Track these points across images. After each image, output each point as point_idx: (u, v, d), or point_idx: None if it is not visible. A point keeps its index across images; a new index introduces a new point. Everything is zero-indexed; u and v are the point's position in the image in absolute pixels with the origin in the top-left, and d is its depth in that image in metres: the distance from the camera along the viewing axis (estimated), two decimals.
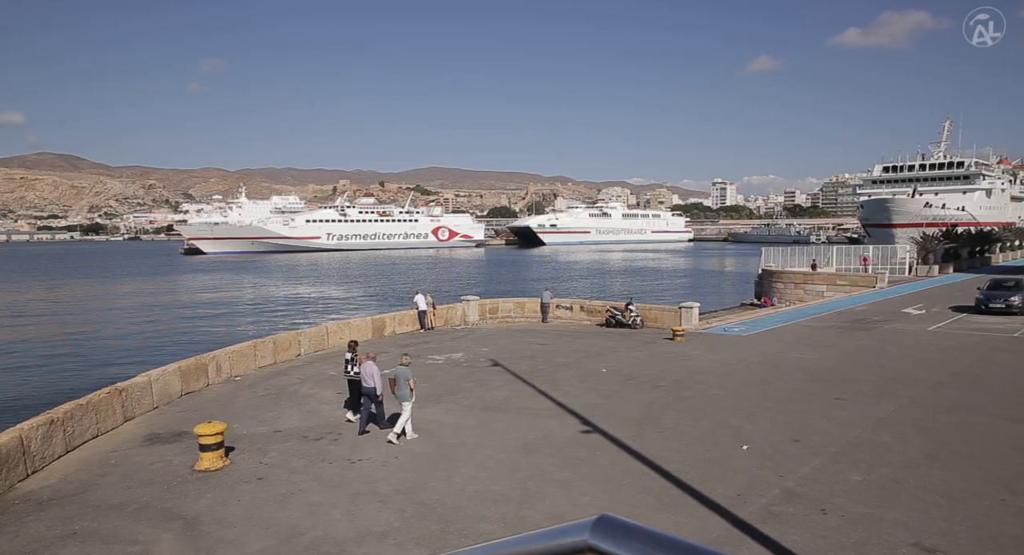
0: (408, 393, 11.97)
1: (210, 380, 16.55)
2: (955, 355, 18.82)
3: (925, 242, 50.21)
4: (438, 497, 9.29)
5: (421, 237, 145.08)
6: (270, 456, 11.15)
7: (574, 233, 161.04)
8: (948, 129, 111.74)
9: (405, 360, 12.54)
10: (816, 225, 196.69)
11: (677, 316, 25.17)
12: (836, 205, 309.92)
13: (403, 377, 12.09)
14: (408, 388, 11.98)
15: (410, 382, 12.05)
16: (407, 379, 12.06)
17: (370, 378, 12.46)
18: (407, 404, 11.95)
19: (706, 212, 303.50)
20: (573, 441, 11.66)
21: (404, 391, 11.98)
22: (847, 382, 15.64)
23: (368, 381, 12.47)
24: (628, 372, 17.20)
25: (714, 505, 8.76)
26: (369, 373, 12.49)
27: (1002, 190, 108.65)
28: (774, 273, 41.38)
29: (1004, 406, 13.35)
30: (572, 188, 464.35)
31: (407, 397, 11.97)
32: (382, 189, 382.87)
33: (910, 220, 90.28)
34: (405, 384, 12.02)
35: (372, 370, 12.50)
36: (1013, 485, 9.25)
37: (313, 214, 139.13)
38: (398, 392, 12.04)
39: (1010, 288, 27.31)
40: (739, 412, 13.21)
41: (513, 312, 29.64)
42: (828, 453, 10.67)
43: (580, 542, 1.02)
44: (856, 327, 24.41)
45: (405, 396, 11.97)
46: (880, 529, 7.92)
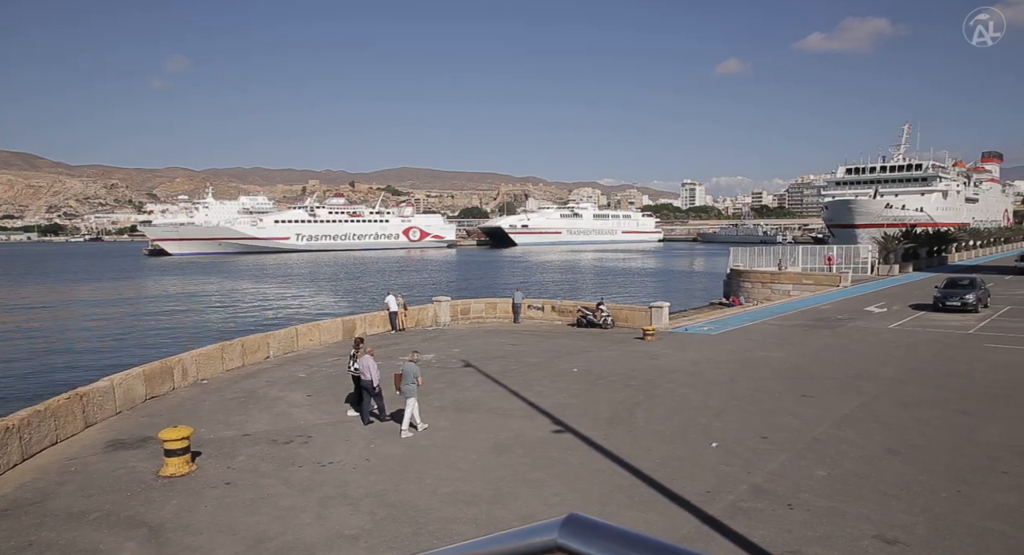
0: (414, 389, 12.36)
1: (176, 384, 16.20)
2: (914, 352, 19.35)
3: (886, 242, 51.52)
4: (410, 499, 9.24)
5: (392, 238, 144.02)
6: (238, 460, 10.96)
7: (545, 233, 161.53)
8: (907, 132, 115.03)
9: (414, 357, 12.94)
10: (782, 225, 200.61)
11: (647, 316, 25.41)
12: (802, 206, 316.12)
13: (410, 373, 12.46)
14: (414, 384, 12.36)
15: (417, 379, 12.43)
16: (415, 375, 12.43)
17: (367, 371, 12.81)
18: (412, 399, 12.31)
19: (676, 213, 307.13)
20: (545, 441, 11.70)
21: (410, 387, 12.35)
22: (813, 379, 15.97)
23: (366, 374, 12.83)
24: (599, 372, 17.31)
25: (684, 502, 8.86)
26: (366, 366, 12.85)
27: (957, 192, 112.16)
28: (742, 273, 42.06)
29: (959, 401, 13.78)
30: (543, 189, 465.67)
31: (413, 393, 12.34)
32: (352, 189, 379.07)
33: (872, 220, 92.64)
34: (412, 380, 12.39)
35: (370, 364, 12.87)
36: (968, 477, 9.56)
37: (282, 214, 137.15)
38: (404, 388, 12.39)
39: (965, 287, 28.18)
40: (708, 410, 13.40)
41: (485, 313, 29.61)
42: (794, 449, 10.88)
43: (549, 541, 1.02)
44: (821, 325, 24.94)
45: (411, 392, 12.33)
46: (844, 522, 8.11)
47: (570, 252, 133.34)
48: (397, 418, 12.67)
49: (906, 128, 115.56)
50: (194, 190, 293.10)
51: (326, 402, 14.71)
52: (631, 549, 0.96)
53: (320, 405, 14.47)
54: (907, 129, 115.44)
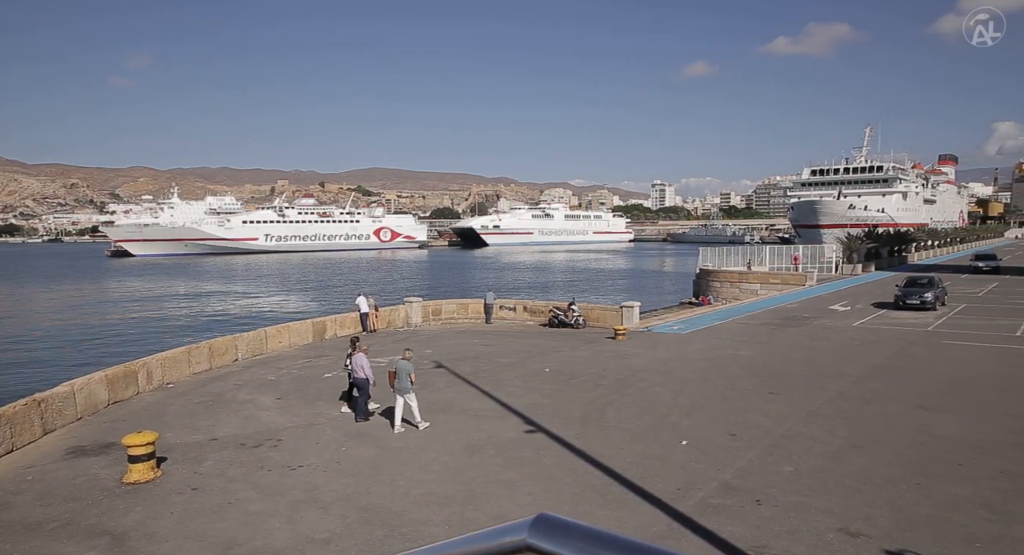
0: (408, 386, 12.54)
1: (140, 388, 15.83)
2: (877, 349, 19.85)
3: (850, 242, 52.74)
4: (381, 501, 9.17)
5: (363, 238, 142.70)
6: (205, 465, 10.75)
7: (517, 234, 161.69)
8: (869, 135, 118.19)
9: (407, 354, 13.07)
10: (750, 226, 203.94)
11: (618, 315, 25.62)
12: (769, 206, 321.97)
13: (404, 370, 12.62)
14: (409, 381, 12.54)
15: (411, 376, 12.60)
16: (408, 373, 12.60)
17: (360, 369, 13.08)
18: (408, 396, 12.55)
19: (646, 213, 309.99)
20: (517, 441, 11.72)
21: (405, 384, 12.54)
22: (780, 377, 16.28)
23: (359, 372, 13.10)
24: (571, 371, 17.40)
25: (655, 500, 8.96)
26: (359, 365, 13.12)
27: (916, 193, 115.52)
28: (711, 272, 42.66)
29: (919, 396, 14.18)
30: (515, 189, 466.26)
31: (408, 390, 12.55)
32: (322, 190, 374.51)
33: (836, 221, 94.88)
34: (406, 377, 12.56)
35: (362, 362, 13.14)
36: (926, 469, 9.85)
37: (250, 215, 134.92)
38: (398, 385, 12.53)
39: (924, 285, 28.99)
40: (678, 408, 13.57)
41: (456, 313, 29.53)
42: (762, 446, 11.08)
43: (519, 541, 1.03)
44: (788, 324, 25.43)
45: (406, 389, 12.54)
46: (809, 516, 8.28)
47: (542, 252, 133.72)
48: (386, 414, 12.86)
49: (867, 131, 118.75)
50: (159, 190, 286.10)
51: (296, 405, 14.52)
52: (600, 548, 0.97)
53: (290, 408, 14.28)
54: (868, 132, 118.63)
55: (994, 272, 45.53)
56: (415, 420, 12.62)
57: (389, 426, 12.77)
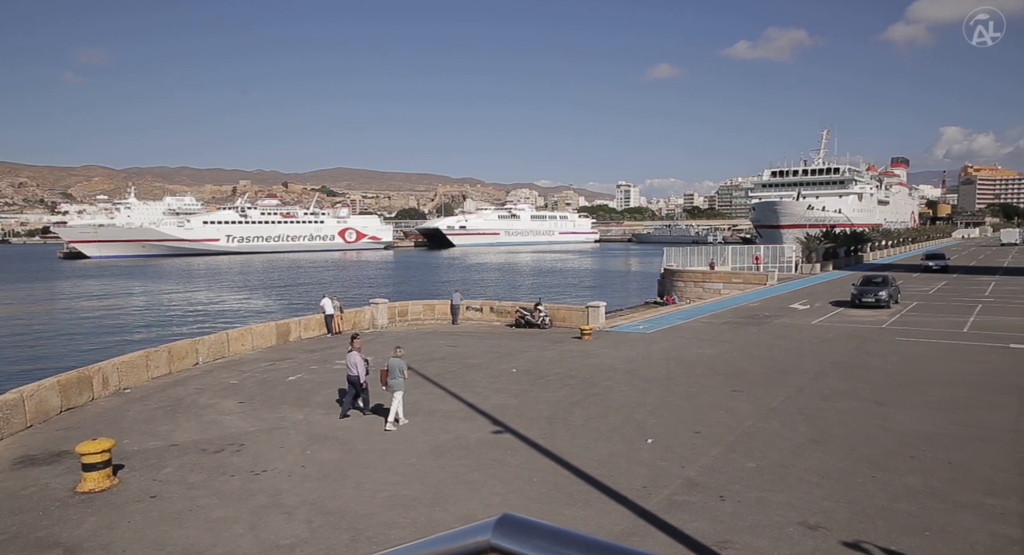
0: (401, 382, 12.80)
1: (95, 394, 15.36)
2: (834, 346, 20.40)
3: (809, 242, 54.07)
4: (347, 505, 9.08)
5: (327, 239, 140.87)
6: (164, 472, 10.49)
7: (483, 235, 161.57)
8: (825, 138, 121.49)
9: (399, 352, 13.30)
10: (713, 226, 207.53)
11: (584, 315, 25.81)
12: (731, 207, 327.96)
13: (396, 368, 12.88)
14: (401, 378, 12.82)
15: (403, 372, 12.89)
16: (400, 369, 12.87)
17: (354, 367, 13.35)
18: (399, 393, 12.73)
19: (611, 214, 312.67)
20: (484, 442, 11.72)
21: (398, 380, 12.80)
22: (742, 375, 16.60)
23: (352, 369, 13.37)
24: (538, 371, 17.47)
25: (621, 498, 9.06)
26: (353, 362, 13.39)
27: (871, 195, 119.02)
28: (675, 272, 43.28)
29: (874, 391, 14.63)
30: (481, 190, 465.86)
31: (400, 386, 12.79)
32: (286, 190, 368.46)
33: (796, 221, 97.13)
34: (398, 374, 12.84)
35: (356, 359, 13.38)
36: (881, 462, 10.17)
37: (211, 215, 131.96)
38: (391, 381, 12.79)
39: (879, 284, 29.91)
40: (644, 407, 13.73)
41: (423, 314, 29.39)
42: (726, 443, 11.29)
43: (483, 542, 1.04)
44: (750, 322, 25.95)
45: (398, 385, 12.77)
46: (771, 511, 8.47)
47: (508, 253, 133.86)
48: (377, 410, 13.21)
49: (824, 134, 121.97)
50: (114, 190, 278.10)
51: (259, 408, 14.27)
52: (563, 547, 0.99)
53: (253, 412, 14.03)
54: (825, 135, 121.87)
55: (943, 271, 47.20)
56: (399, 415, 12.80)
57: (352, 428, 12.65)
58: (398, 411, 12.72)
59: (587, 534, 1.00)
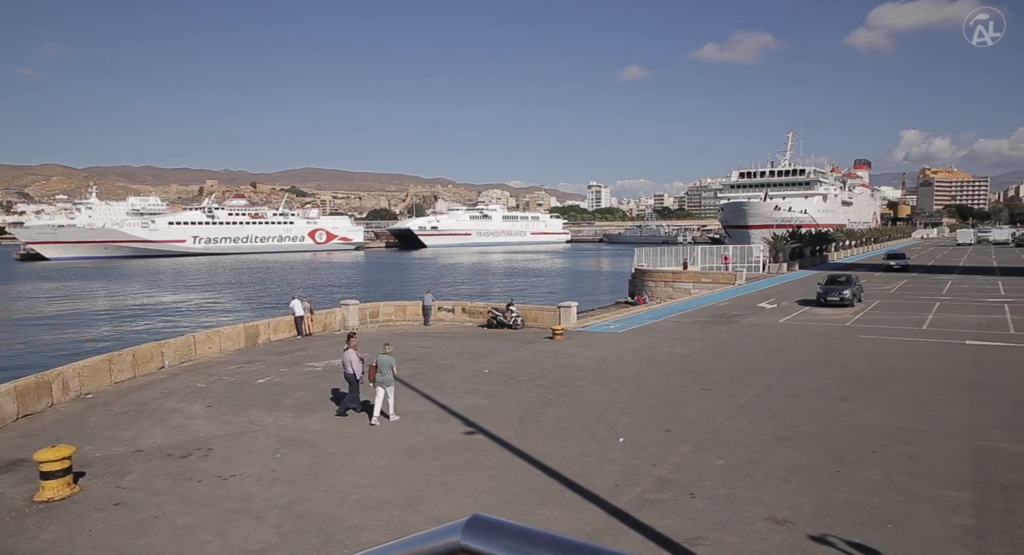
0: (390, 379, 13.12)
1: (55, 399, 14.93)
2: (801, 344, 20.82)
3: (776, 242, 55.03)
4: (318, 509, 8.97)
5: (297, 240, 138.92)
6: (128, 479, 10.24)
7: (455, 235, 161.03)
8: (792, 140, 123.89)
9: (387, 349, 13.59)
10: (683, 226, 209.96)
11: (556, 315, 25.91)
12: (700, 207, 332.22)
13: (385, 364, 13.16)
14: (391, 374, 13.13)
15: (392, 369, 13.18)
16: (390, 366, 13.16)
17: (350, 365, 13.67)
18: (389, 389, 13.07)
19: (583, 214, 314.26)
20: (457, 443, 11.69)
21: (387, 377, 13.09)
22: (712, 373, 16.84)
23: (348, 367, 13.69)
24: (510, 372, 17.48)
25: (593, 497, 9.11)
26: (348, 360, 13.71)
27: (835, 195, 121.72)
28: (646, 272, 43.70)
29: (839, 388, 14.97)
30: (452, 190, 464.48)
31: (389, 383, 13.11)
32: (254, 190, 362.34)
33: (763, 222, 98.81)
34: (388, 370, 13.13)
35: (352, 357, 13.72)
36: (845, 457, 10.42)
37: (177, 216, 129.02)
38: (380, 378, 13.07)
39: (843, 283, 30.60)
40: (615, 406, 13.84)
41: (395, 315, 29.20)
42: (695, 440, 11.44)
43: (452, 543, 1.04)
44: (719, 321, 26.33)
45: (387, 381, 13.08)
46: (740, 507, 8.61)
47: (480, 253, 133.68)
48: (366, 406, 13.47)
49: (791, 136, 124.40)
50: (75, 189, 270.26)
51: (227, 412, 14.02)
52: (533, 547, 1.00)
53: (221, 416, 13.78)
54: (791, 137, 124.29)
55: (904, 270, 48.49)
56: (388, 412, 13.12)
57: (323, 431, 12.51)
58: (385, 407, 13.08)
59: (557, 533, 1.01)
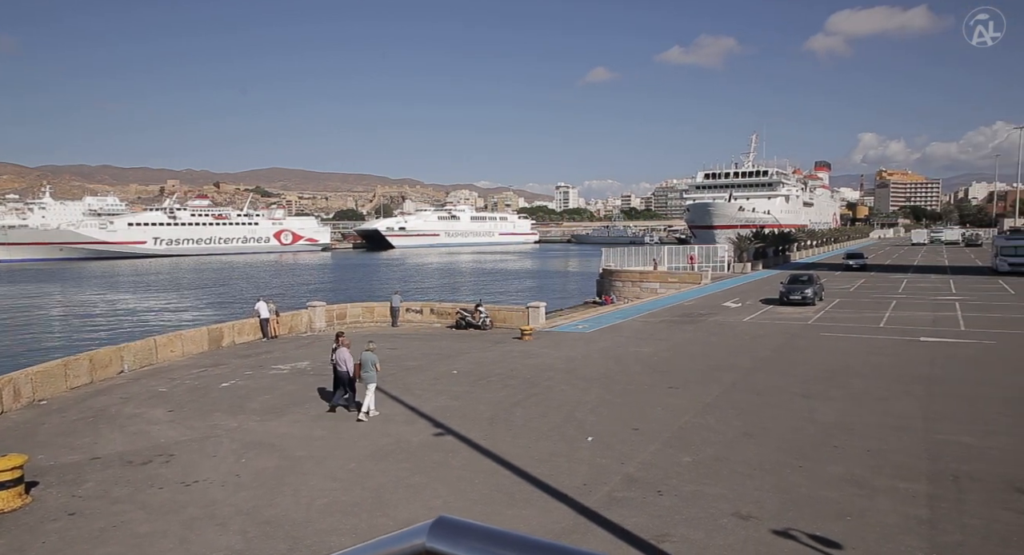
0: (374, 375, 13.47)
1: (5, 407, 14.41)
2: (765, 342, 21.24)
3: (740, 242, 56.05)
4: (285, 513, 8.84)
5: (262, 241, 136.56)
6: (85, 487, 9.95)
7: (423, 236, 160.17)
8: (755, 142, 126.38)
9: (371, 346, 13.97)
10: (650, 227, 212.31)
11: (525, 316, 25.97)
12: (667, 208, 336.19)
13: (369, 361, 13.50)
14: (374, 371, 13.47)
15: (376, 366, 13.52)
16: (373, 363, 13.50)
17: (343, 363, 13.87)
18: (372, 385, 13.38)
19: (551, 214, 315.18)
20: (426, 445, 11.64)
21: (371, 373, 13.44)
22: (679, 372, 17.07)
23: (341, 365, 13.88)
24: (479, 372, 17.47)
25: (562, 496, 9.16)
26: (342, 358, 13.90)
27: (797, 196, 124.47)
28: (614, 272, 44.08)
29: (801, 385, 15.32)
30: (420, 191, 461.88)
31: (373, 379, 13.46)
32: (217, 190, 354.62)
33: (728, 222, 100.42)
34: (371, 367, 13.46)
35: (345, 356, 13.90)
36: (807, 453, 10.67)
37: (137, 216, 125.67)
38: (364, 375, 13.45)
39: (804, 282, 31.32)
40: (584, 405, 13.93)
41: (362, 317, 28.92)
42: (663, 438, 11.58)
43: (418, 546, 1.04)
44: (685, 320, 26.70)
45: (371, 378, 13.43)
46: (706, 504, 8.75)
47: (448, 254, 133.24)
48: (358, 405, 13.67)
49: (754, 138, 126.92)
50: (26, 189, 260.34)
51: (190, 417, 13.72)
52: (499, 548, 1.00)
53: (184, 420, 13.48)
54: (755, 139, 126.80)
55: (862, 269, 49.85)
56: (369, 407, 13.34)
57: (289, 435, 12.33)
58: (370, 403, 13.32)
59: (523, 534, 1.02)
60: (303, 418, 13.55)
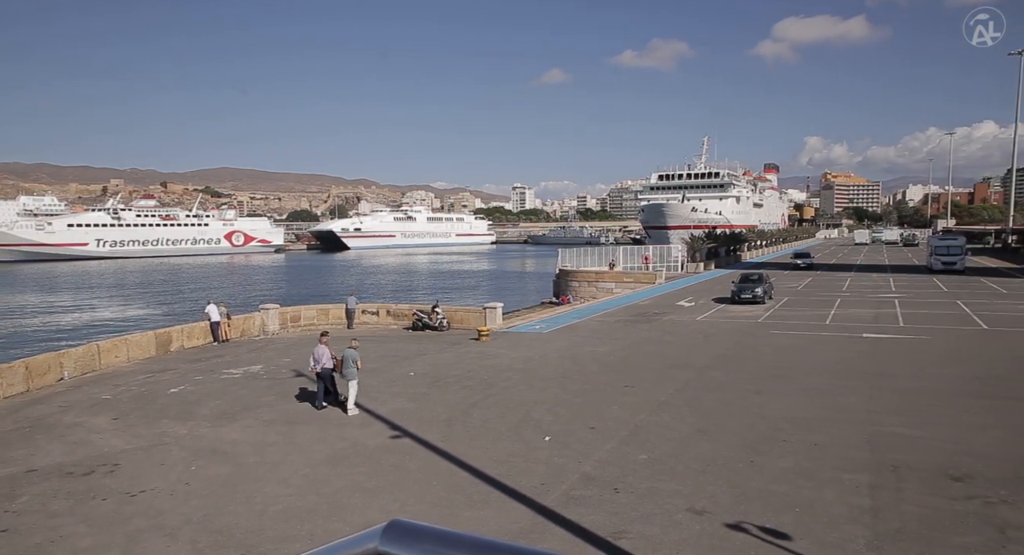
0: (355, 372, 13.77)
1: None
2: (718, 341, 21.74)
3: (693, 242, 57.17)
4: (237, 521, 8.63)
5: (213, 242, 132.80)
6: (20, 502, 9.50)
7: (379, 237, 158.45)
8: (707, 144, 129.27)
9: (354, 344, 14.27)
10: (605, 227, 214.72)
11: (482, 316, 25.95)
12: (622, 209, 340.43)
13: (350, 358, 13.78)
14: (355, 368, 13.75)
15: (356, 362, 13.81)
16: (353, 360, 13.79)
17: (322, 359, 14.19)
18: (353, 382, 13.74)
19: (507, 215, 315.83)
20: (382, 448, 11.53)
21: (351, 370, 13.71)
22: (634, 370, 17.32)
23: (328, 363, 14.19)
24: (436, 374, 17.38)
25: (520, 496, 9.20)
26: (320, 355, 14.25)
27: (747, 198, 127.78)
28: (570, 273, 44.42)
29: (753, 381, 15.74)
30: (376, 191, 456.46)
31: (354, 376, 13.78)
32: (164, 190, 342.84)
33: (681, 223, 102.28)
34: (352, 364, 13.73)
35: (324, 352, 14.28)
36: (759, 447, 10.97)
37: (78, 217, 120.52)
38: (346, 371, 13.74)
39: (755, 281, 32.18)
40: (541, 405, 14.01)
41: (317, 319, 28.43)
42: (619, 437, 11.74)
43: (370, 550, 1.03)
44: (640, 320, 27.11)
45: (352, 375, 13.74)
46: (662, 500, 8.91)
47: (405, 255, 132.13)
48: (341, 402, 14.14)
49: (706, 140, 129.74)
50: None
51: (136, 425, 13.26)
52: (452, 550, 1.01)
53: (129, 428, 13.02)
54: (707, 141, 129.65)
55: (809, 268, 51.56)
56: (354, 401, 13.81)
57: (242, 441, 12.04)
58: (354, 397, 13.73)
59: (476, 535, 1.02)
60: (256, 423, 13.24)
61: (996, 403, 13.49)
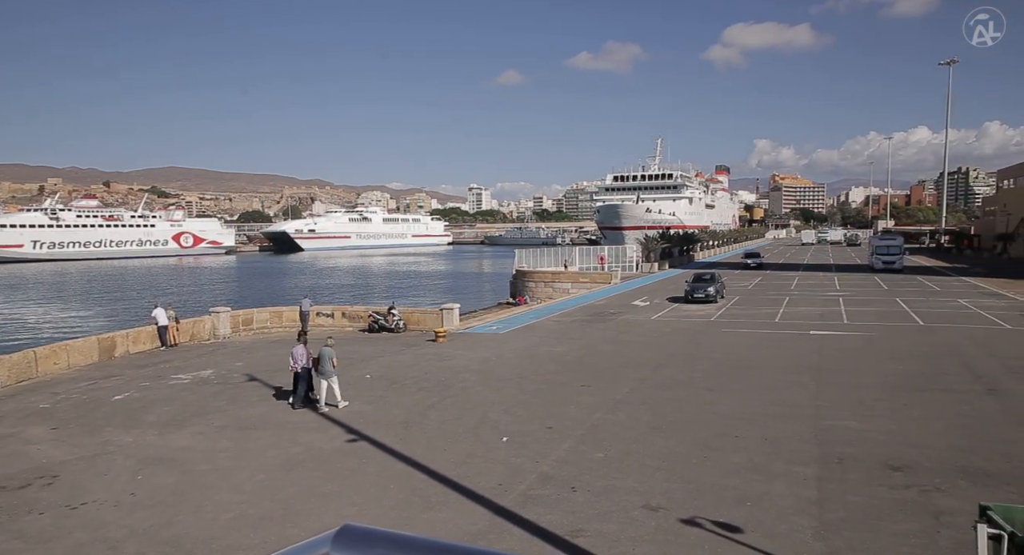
0: (331, 370, 13.89)
1: None
2: (672, 339, 22.14)
3: (647, 243, 58.10)
4: (186, 531, 8.38)
5: (160, 244, 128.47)
6: None
7: (334, 238, 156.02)
8: (660, 145, 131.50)
9: (330, 342, 14.36)
10: (561, 228, 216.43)
11: (439, 318, 25.82)
12: (577, 209, 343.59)
13: (326, 356, 13.85)
14: (331, 365, 13.86)
15: (333, 360, 13.91)
16: (330, 358, 13.87)
17: (300, 358, 14.23)
18: (331, 379, 13.92)
19: (464, 216, 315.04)
20: (338, 451, 11.36)
21: (328, 368, 13.81)
22: (591, 370, 17.49)
23: (298, 361, 14.22)
24: (392, 376, 17.22)
25: (478, 497, 9.19)
26: (297, 354, 14.30)
27: (700, 199, 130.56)
28: (527, 273, 44.60)
29: (706, 379, 16.09)
30: (331, 192, 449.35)
31: (331, 374, 13.91)
32: (107, 190, 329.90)
33: (636, 223, 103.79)
34: (328, 362, 13.83)
35: (301, 351, 14.32)
36: (711, 443, 11.23)
37: (11, 217, 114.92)
38: (322, 369, 13.81)
39: (707, 281, 32.89)
40: (499, 406, 14.02)
41: (270, 322, 27.83)
42: (576, 436, 11.84)
43: None
44: (596, 319, 27.40)
45: (329, 373, 13.86)
46: (618, 497, 9.02)
47: (360, 256, 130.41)
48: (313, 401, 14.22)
49: (659, 142, 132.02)
50: None
51: (77, 434, 12.73)
52: (405, 553, 1.00)
53: (70, 438, 12.49)
54: (660, 143, 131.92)
55: (759, 268, 52.99)
56: (336, 401, 13.97)
57: (191, 448, 11.70)
58: (331, 397, 13.97)
59: (430, 537, 1.03)
60: (207, 430, 12.88)
61: (935, 396, 14.13)
